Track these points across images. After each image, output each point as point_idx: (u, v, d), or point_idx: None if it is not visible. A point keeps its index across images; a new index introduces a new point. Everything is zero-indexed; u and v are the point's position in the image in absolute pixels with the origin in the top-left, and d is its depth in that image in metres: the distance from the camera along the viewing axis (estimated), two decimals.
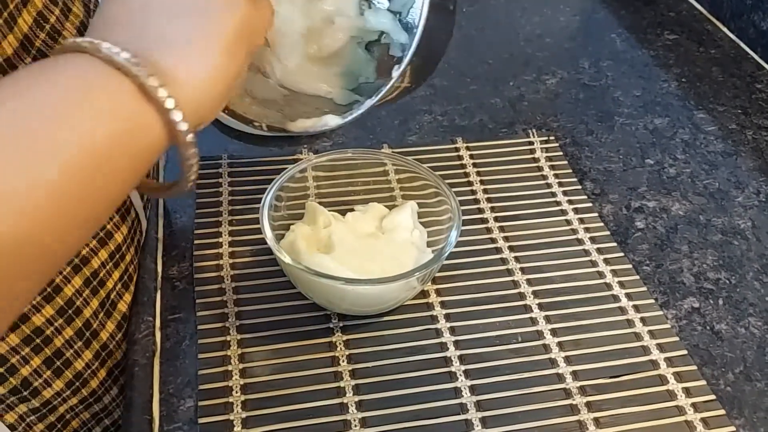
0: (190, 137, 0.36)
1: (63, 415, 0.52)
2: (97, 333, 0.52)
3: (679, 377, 0.52)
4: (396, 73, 0.50)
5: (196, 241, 0.59)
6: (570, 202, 0.65)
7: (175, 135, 0.36)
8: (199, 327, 0.53)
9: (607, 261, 0.60)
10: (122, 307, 0.55)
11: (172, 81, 0.35)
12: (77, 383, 0.52)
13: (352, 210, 0.58)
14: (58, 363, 0.50)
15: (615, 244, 0.61)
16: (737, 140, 0.73)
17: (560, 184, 0.66)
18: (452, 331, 0.54)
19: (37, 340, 0.48)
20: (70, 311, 0.49)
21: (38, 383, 0.49)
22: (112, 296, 0.53)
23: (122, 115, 0.34)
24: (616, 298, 0.57)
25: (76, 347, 0.51)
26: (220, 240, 0.59)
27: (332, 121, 0.53)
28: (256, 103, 0.54)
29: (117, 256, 0.53)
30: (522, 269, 0.59)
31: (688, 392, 0.51)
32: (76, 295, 0.49)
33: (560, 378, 0.51)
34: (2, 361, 0.47)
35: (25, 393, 0.49)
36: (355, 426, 0.48)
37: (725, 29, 0.89)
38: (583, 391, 0.51)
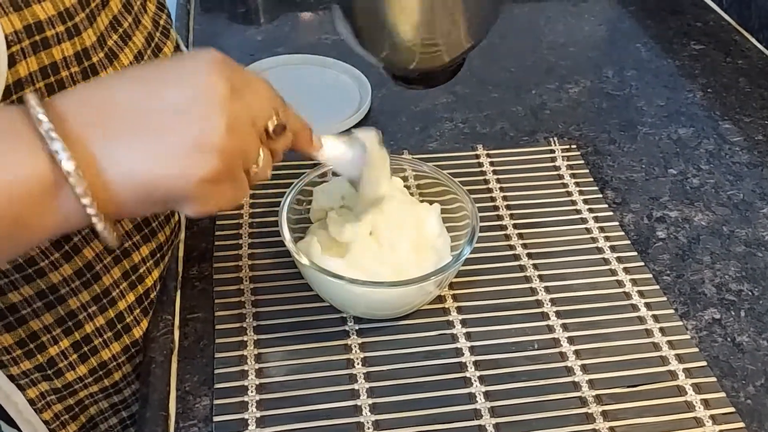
0: (96, 220, 0.35)
1: (82, 400, 0.54)
2: (130, 328, 0.53)
3: (698, 388, 0.51)
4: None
5: (216, 242, 0.60)
6: (590, 210, 0.64)
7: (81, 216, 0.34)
8: (217, 327, 0.54)
9: (626, 270, 0.59)
10: None
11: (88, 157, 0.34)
12: (100, 372, 0.53)
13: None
14: (86, 349, 0.51)
15: (635, 253, 0.61)
16: (763, 151, 0.72)
17: (581, 193, 0.66)
18: (468, 336, 0.54)
19: (69, 323, 0.49)
20: (104, 300, 0.50)
21: (63, 365, 0.51)
22: (151, 295, 0.54)
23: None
24: (635, 308, 0.56)
25: (105, 337, 0.52)
26: (240, 242, 0.60)
27: None
28: None
29: (158, 255, 0.54)
30: (540, 276, 0.58)
31: (706, 404, 0.50)
32: (113, 285, 0.51)
33: (576, 386, 0.51)
34: (34, 337, 0.48)
35: (49, 372, 0.50)
36: (369, 428, 0.48)
37: (753, 40, 0.88)
38: (599, 399, 0.50)
